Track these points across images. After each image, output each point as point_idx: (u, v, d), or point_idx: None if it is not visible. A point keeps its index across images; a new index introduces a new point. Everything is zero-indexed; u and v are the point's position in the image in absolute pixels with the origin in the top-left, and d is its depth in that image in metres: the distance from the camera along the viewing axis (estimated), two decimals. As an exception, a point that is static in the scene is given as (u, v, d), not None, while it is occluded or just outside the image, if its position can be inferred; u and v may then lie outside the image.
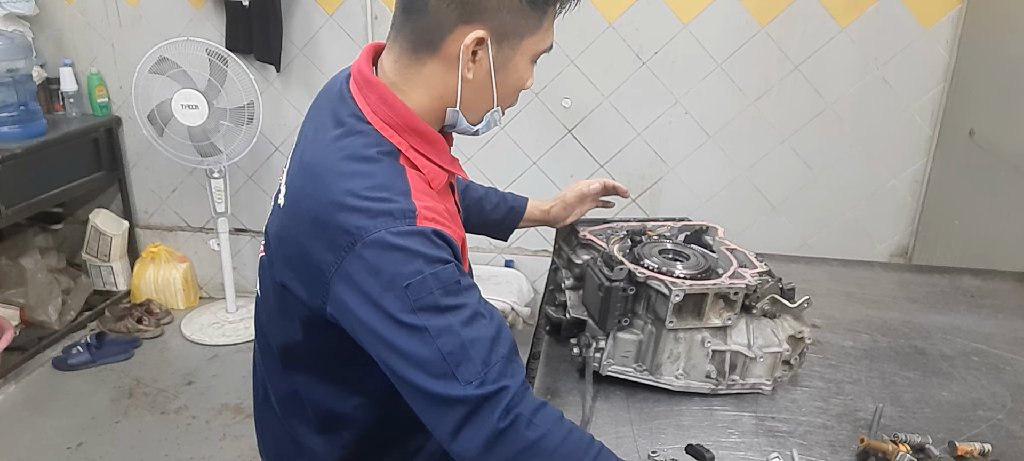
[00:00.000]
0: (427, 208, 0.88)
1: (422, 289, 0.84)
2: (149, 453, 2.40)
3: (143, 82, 2.69)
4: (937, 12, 2.53)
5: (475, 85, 0.94)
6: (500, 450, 0.85)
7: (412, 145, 0.94)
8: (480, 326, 0.86)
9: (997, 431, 1.13)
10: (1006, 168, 2.17)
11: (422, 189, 0.92)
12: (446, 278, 0.85)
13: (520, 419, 0.85)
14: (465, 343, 0.84)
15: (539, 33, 0.95)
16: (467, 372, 0.84)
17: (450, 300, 0.85)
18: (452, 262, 0.87)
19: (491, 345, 0.86)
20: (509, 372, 0.86)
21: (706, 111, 2.78)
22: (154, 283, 3.27)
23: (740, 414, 1.14)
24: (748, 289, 1.14)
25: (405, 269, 0.84)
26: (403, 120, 0.94)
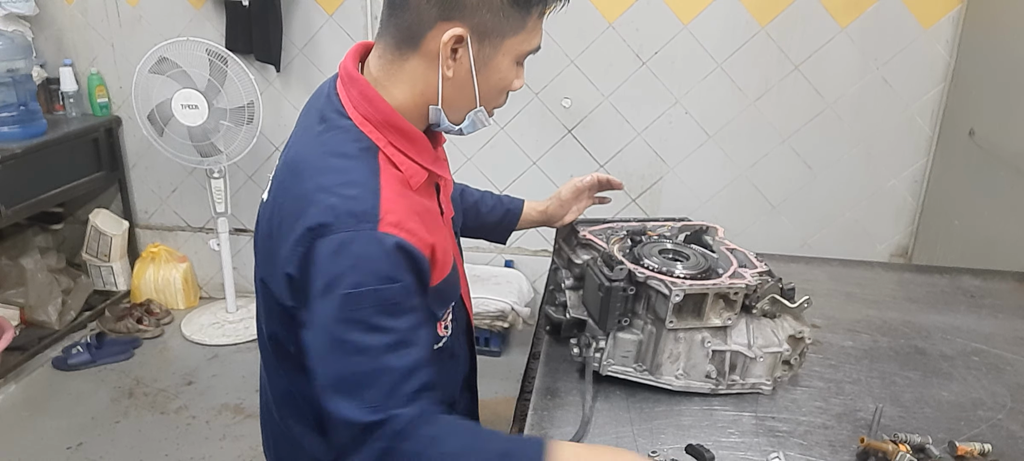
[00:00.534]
0: (394, 213, 0.87)
1: (359, 302, 0.84)
2: (149, 453, 2.40)
3: (143, 82, 2.69)
4: (937, 12, 2.53)
5: (456, 83, 0.93)
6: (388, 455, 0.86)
7: (391, 141, 0.94)
8: (399, 355, 0.86)
9: (997, 431, 1.13)
10: (1006, 168, 2.17)
11: (396, 189, 0.91)
12: (387, 297, 0.85)
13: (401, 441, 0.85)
14: (378, 369, 0.85)
15: (523, 33, 0.93)
16: (371, 396, 0.85)
17: (382, 320, 0.85)
18: (399, 283, 0.86)
19: (404, 376, 0.86)
20: (410, 404, 0.86)
21: (706, 111, 2.78)
22: (154, 283, 3.27)
23: (740, 414, 1.14)
24: (748, 289, 1.14)
25: (349, 277, 0.84)
26: (383, 116, 0.94)
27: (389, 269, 0.85)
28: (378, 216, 0.86)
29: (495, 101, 1.00)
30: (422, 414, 0.87)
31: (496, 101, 1.00)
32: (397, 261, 0.86)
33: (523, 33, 0.93)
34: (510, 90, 1.00)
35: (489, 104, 0.99)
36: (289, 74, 2.98)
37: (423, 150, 0.98)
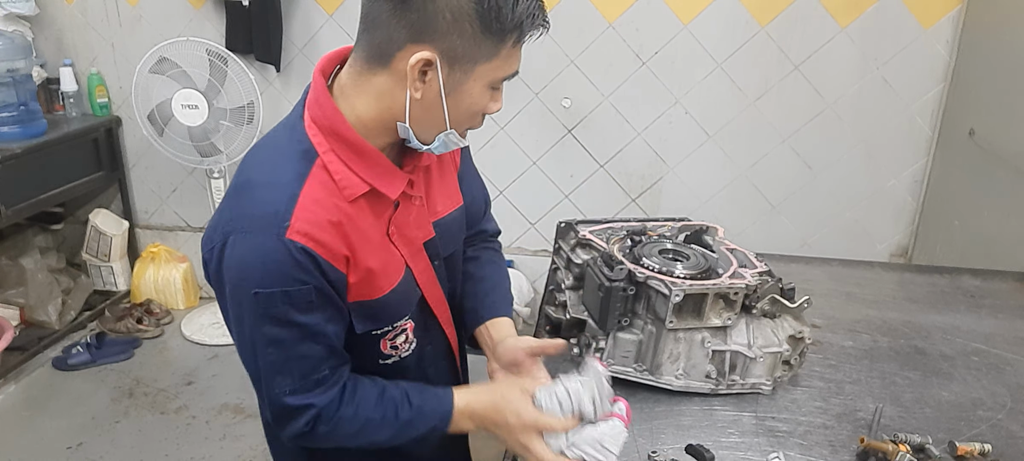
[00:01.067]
0: (307, 221, 0.88)
1: (269, 302, 0.89)
2: (149, 453, 2.40)
3: (143, 82, 2.69)
4: (937, 12, 2.53)
5: (424, 105, 0.91)
6: (308, 442, 0.98)
7: (333, 149, 0.93)
8: (309, 345, 0.92)
9: (997, 431, 1.13)
10: (1006, 168, 2.17)
11: (318, 199, 0.90)
12: (296, 297, 0.89)
13: (319, 423, 0.95)
14: (292, 358, 0.92)
15: (496, 60, 0.90)
16: (283, 383, 0.93)
17: (292, 315, 0.90)
18: (307, 285, 0.89)
19: (315, 364, 0.94)
20: (320, 386, 0.95)
21: (706, 111, 2.78)
22: (154, 283, 3.27)
23: (740, 414, 1.14)
24: (748, 289, 1.14)
25: (258, 278, 0.88)
26: (329, 123, 0.93)
27: (296, 272, 0.88)
28: (287, 222, 0.87)
29: (467, 124, 0.96)
30: (338, 397, 0.96)
31: (469, 124, 0.97)
32: (304, 265, 0.88)
33: (496, 60, 0.90)
34: (486, 114, 0.96)
35: (460, 126, 0.95)
36: (289, 74, 2.98)
37: (372, 165, 0.95)
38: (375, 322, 1.02)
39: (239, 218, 0.89)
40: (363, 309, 0.99)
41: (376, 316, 1.02)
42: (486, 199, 1.28)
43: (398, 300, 1.03)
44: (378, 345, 1.05)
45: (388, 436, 1.00)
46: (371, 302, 0.99)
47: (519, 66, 0.94)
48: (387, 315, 1.03)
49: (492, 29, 0.87)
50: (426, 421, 1.00)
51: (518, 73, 0.95)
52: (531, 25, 0.90)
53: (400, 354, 1.09)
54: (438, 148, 0.97)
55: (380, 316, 1.02)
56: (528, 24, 0.89)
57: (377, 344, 1.05)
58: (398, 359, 1.09)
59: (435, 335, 1.15)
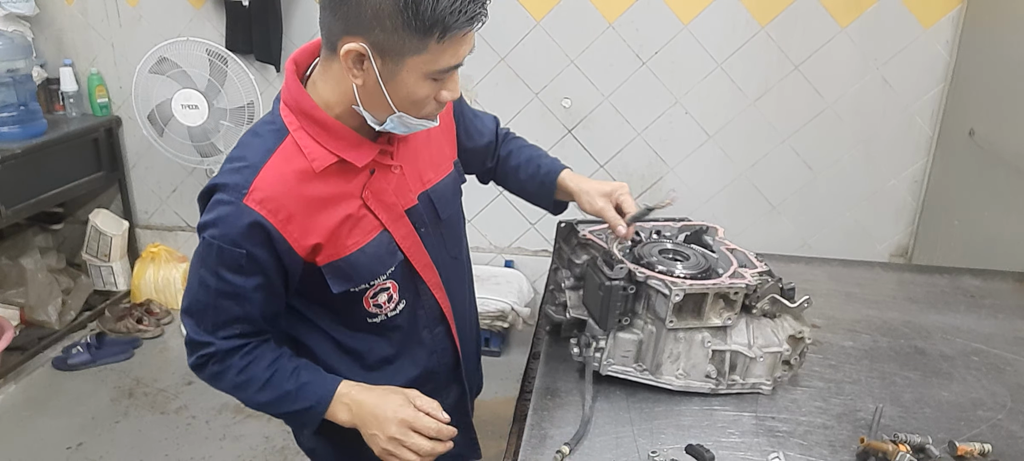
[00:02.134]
0: (265, 191, 0.99)
1: (209, 250, 1.02)
2: (149, 453, 2.40)
3: (143, 82, 2.69)
4: (937, 12, 2.53)
5: (367, 90, 0.99)
6: (200, 375, 1.12)
7: (302, 126, 1.03)
8: (231, 302, 1.04)
9: (997, 431, 1.13)
10: (1006, 168, 2.17)
11: (281, 171, 1.01)
12: (231, 258, 1.01)
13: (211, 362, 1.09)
14: (211, 306, 1.05)
15: (426, 54, 0.94)
16: (201, 321, 1.07)
17: (223, 272, 1.02)
18: (244, 251, 1.00)
19: (230, 320, 1.06)
20: (226, 338, 1.07)
21: (706, 111, 2.78)
22: (154, 283, 3.27)
23: (740, 414, 1.14)
24: (748, 289, 1.14)
25: (211, 229, 1.01)
26: (298, 104, 1.03)
27: (239, 237, 0.99)
28: (247, 189, 0.99)
29: (417, 109, 1.01)
30: (238, 348, 1.08)
31: (419, 110, 1.01)
32: (249, 234, 0.99)
33: (426, 54, 0.94)
34: (438, 101, 1.02)
35: (410, 111, 1.01)
36: (289, 74, 2.97)
37: (339, 138, 1.03)
38: (348, 280, 1.09)
39: (215, 179, 1.03)
40: (334, 269, 1.07)
41: (348, 275, 1.09)
42: (495, 130, 1.40)
43: (369, 260, 1.09)
44: (360, 303, 1.13)
45: (266, 399, 1.10)
46: (340, 262, 1.07)
47: (462, 57, 0.98)
48: (359, 274, 1.09)
49: (412, 26, 0.91)
50: (305, 398, 1.10)
51: (461, 65, 0.99)
52: (455, 22, 0.92)
53: (386, 313, 1.16)
54: (395, 128, 1.04)
55: (352, 275, 1.09)
56: (452, 21, 0.91)
57: (359, 302, 1.13)
58: (386, 318, 1.16)
59: (426, 300, 1.20)
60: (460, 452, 1.32)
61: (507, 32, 2.75)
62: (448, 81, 1.01)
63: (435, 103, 1.02)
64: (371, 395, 1.11)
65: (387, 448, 1.09)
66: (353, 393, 1.11)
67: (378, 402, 1.10)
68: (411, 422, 1.09)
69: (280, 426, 2.53)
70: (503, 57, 2.79)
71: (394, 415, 1.08)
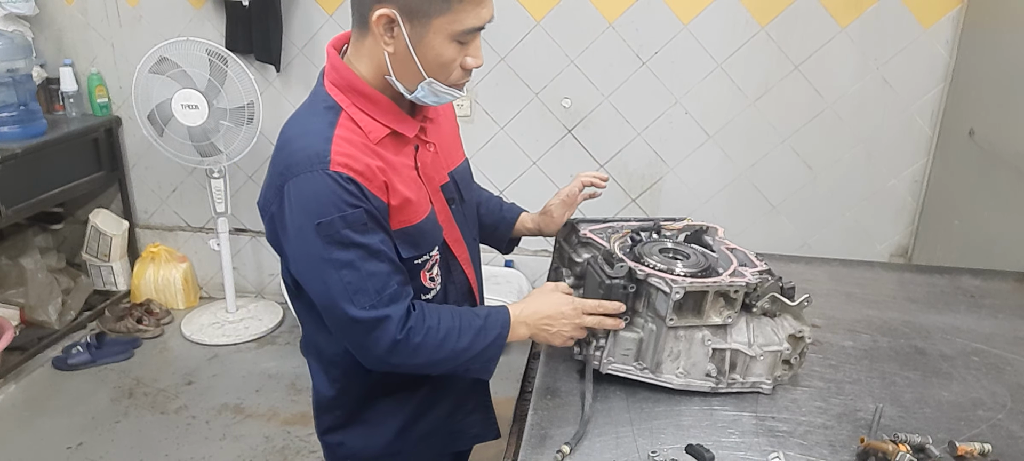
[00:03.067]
0: (344, 155, 1.01)
1: (331, 228, 1.00)
2: (149, 453, 2.40)
3: (143, 82, 2.69)
4: (937, 12, 2.53)
5: (399, 58, 1.03)
6: (395, 357, 1.06)
7: (354, 102, 1.07)
8: (375, 264, 1.03)
9: (997, 431, 1.13)
10: (1006, 168, 2.17)
11: (350, 139, 1.03)
12: (352, 220, 1.01)
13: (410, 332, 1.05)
14: (363, 276, 1.02)
15: (450, 14, 0.99)
16: (363, 300, 1.03)
17: (354, 237, 1.01)
18: (360, 207, 1.01)
19: (385, 279, 1.04)
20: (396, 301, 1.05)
21: (706, 111, 2.78)
22: (154, 283, 3.27)
23: (740, 414, 1.14)
24: (748, 287, 1.14)
25: (317, 210, 1.00)
26: (346, 82, 1.07)
27: (347, 197, 1.00)
28: (329, 158, 1.00)
29: (445, 75, 1.06)
30: (409, 312, 1.06)
31: (447, 75, 1.06)
32: (351, 191, 1.01)
33: (450, 14, 0.99)
34: (464, 67, 1.06)
35: (440, 76, 1.05)
36: (289, 74, 2.98)
37: (387, 111, 1.08)
38: (416, 248, 1.12)
39: (286, 169, 1.02)
40: (406, 236, 1.10)
41: (416, 242, 1.12)
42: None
43: (430, 228, 1.14)
44: (418, 277, 1.15)
45: (467, 342, 1.10)
46: (411, 228, 1.10)
47: (484, 20, 1.03)
48: (425, 241, 1.14)
49: None
50: (493, 327, 1.12)
51: (483, 27, 1.04)
52: None
53: (435, 288, 1.19)
54: (424, 97, 1.08)
55: (420, 242, 1.12)
56: None
57: (418, 275, 1.15)
58: (434, 294, 1.20)
59: (457, 276, 1.25)
60: (479, 433, 1.39)
61: (507, 32, 2.75)
62: (471, 46, 1.05)
63: (461, 70, 1.06)
64: (535, 303, 1.17)
65: (573, 335, 1.16)
66: (523, 310, 1.16)
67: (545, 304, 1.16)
68: (581, 308, 1.15)
69: (280, 426, 2.53)
70: (503, 57, 2.79)
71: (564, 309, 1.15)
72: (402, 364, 1.08)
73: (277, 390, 2.73)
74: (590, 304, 1.16)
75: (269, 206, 1.06)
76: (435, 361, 1.09)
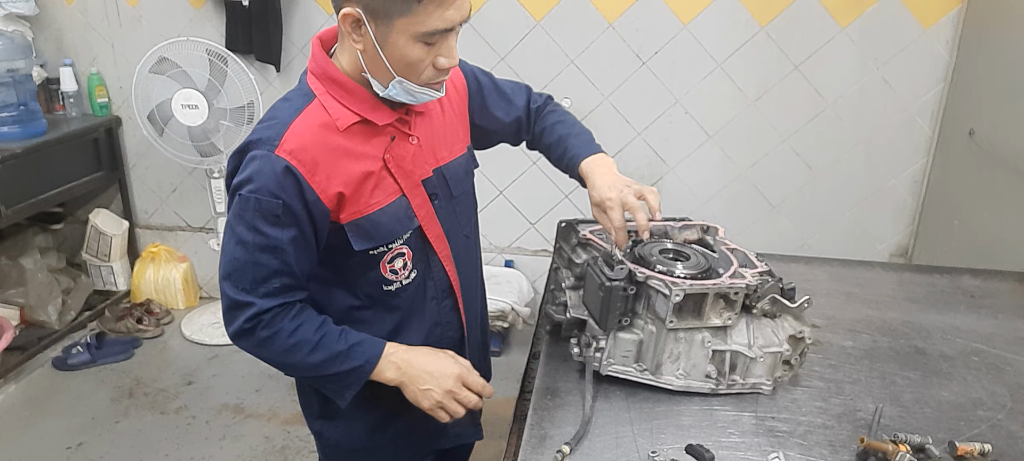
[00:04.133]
0: (295, 142, 1.05)
1: (246, 205, 1.05)
2: (149, 453, 2.40)
3: (143, 82, 2.69)
4: (937, 12, 2.53)
5: (368, 56, 1.06)
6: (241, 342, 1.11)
7: (328, 90, 1.11)
8: (267, 257, 1.07)
9: (997, 431, 1.13)
10: (1006, 168, 2.17)
11: (309, 127, 1.07)
12: (266, 207, 1.04)
13: (259, 326, 1.09)
14: (249, 261, 1.07)
15: (412, 15, 0.99)
16: (238, 279, 1.08)
17: (260, 225, 1.05)
18: (280, 200, 1.04)
19: (267, 274, 1.07)
20: (267, 296, 1.08)
21: (706, 111, 2.78)
22: (154, 283, 3.27)
23: (740, 414, 1.14)
24: (748, 289, 1.14)
25: (246, 185, 1.05)
26: (323, 71, 1.11)
27: (274, 186, 1.04)
28: (278, 141, 1.05)
29: (415, 74, 1.06)
30: (282, 307, 1.09)
31: (417, 75, 1.06)
32: (283, 182, 1.04)
33: (412, 15, 0.99)
34: (437, 67, 1.06)
35: (410, 76, 1.06)
36: (289, 74, 2.98)
37: (360, 100, 1.11)
38: (369, 239, 1.13)
39: (246, 143, 1.09)
40: (356, 227, 1.12)
41: (368, 234, 1.13)
42: (524, 105, 1.41)
43: (389, 219, 1.14)
44: (378, 267, 1.17)
45: (318, 360, 1.12)
46: (362, 220, 1.12)
47: (452, 22, 1.02)
48: (379, 233, 1.14)
49: None
50: (356, 357, 1.13)
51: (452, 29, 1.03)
52: None
53: (400, 280, 1.20)
54: (399, 95, 1.09)
55: (373, 234, 1.14)
56: None
57: (377, 266, 1.17)
58: (400, 285, 1.20)
59: (436, 272, 1.25)
60: (462, 432, 1.39)
61: (507, 32, 2.75)
62: (442, 47, 1.04)
63: (433, 70, 1.06)
64: (421, 354, 1.18)
65: (441, 401, 1.17)
66: (400, 353, 1.17)
67: (431, 360, 1.18)
68: (464, 378, 1.18)
69: (280, 426, 2.53)
70: (503, 57, 2.79)
71: (450, 371, 1.17)
72: (251, 352, 1.12)
73: (277, 390, 2.73)
74: (475, 382, 1.20)
75: (230, 161, 1.12)
76: (281, 363, 1.13)
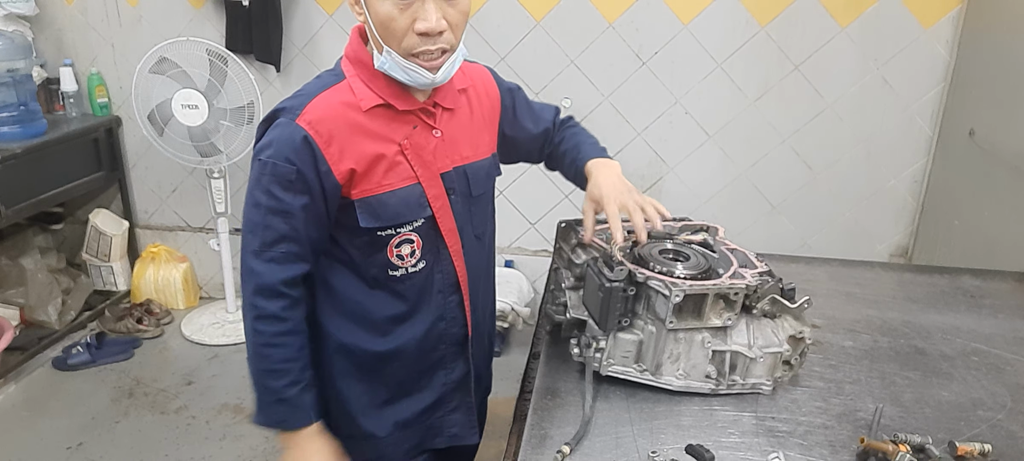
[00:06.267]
0: (315, 114, 1.09)
1: (263, 168, 1.10)
2: (149, 453, 2.40)
3: (143, 82, 2.69)
4: (937, 12, 2.53)
5: (369, 29, 1.10)
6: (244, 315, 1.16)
7: (358, 73, 1.15)
8: (277, 220, 1.10)
9: (997, 431, 1.13)
10: (1006, 168, 2.17)
11: (332, 102, 1.11)
12: (281, 172, 1.08)
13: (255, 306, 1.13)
14: (262, 222, 1.11)
15: None
16: (251, 241, 1.12)
17: (275, 189, 1.09)
18: (295, 167, 1.08)
19: (276, 237, 1.11)
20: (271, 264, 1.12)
21: (706, 111, 2.78)
22: (154, 283, 3.27)
23: (740, 414, 1.14)
24: (748, 289, 1.14)
25: (266, 150, 1.10)
26: (356, 55, 1.16)
27: (290, 153, 1.08)
28: (299, 112, 1.09)
29: (395, 40, 1.07)
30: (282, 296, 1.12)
31: (397, 40, 1.07)
32: (299, 150, 1.08)
33: None
34: (416, 32, 1.06)
35: (393, 44, 1.08)
36: (289, 74, 2.98)
37: (387, 86, 1.14)
38: (377, 219, 1.15)
39: (273, 111, 1.13)
40: (365, 204, 1.14)
41: (377, 213, 1.15)
42: (552, 119, 1.44)
43: (399, 203, 1.16)
44: (385, 251, 1.19)
45: (253, 369, 1.17)
46: (371, 198, 1.14)
47: None
48: (388, 214, 1.16)
49: None
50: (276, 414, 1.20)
51: None
52: None
53: (406, 267, 1.21)
54: (390, 69, 1.10)
55: (380, 214, 1.15)
56: None
57: (384, 249, 1.18)
58: (405, 273, 1.22)
59: (445, 265, 1.25)
60: (458, 433, 1.39)
61: (507, 32, 2.75)
62: (418, 9, 1.05)
63: (416, 37, 1.06)
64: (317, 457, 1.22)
65: None
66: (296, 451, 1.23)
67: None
68: None
69: (280, 426, 2.53)
70: (503, 57, 2.79)
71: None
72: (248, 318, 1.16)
73: (277, 390, 2.73)
74: None
75: (260, 127, 1.15)
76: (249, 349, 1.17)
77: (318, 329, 1.25)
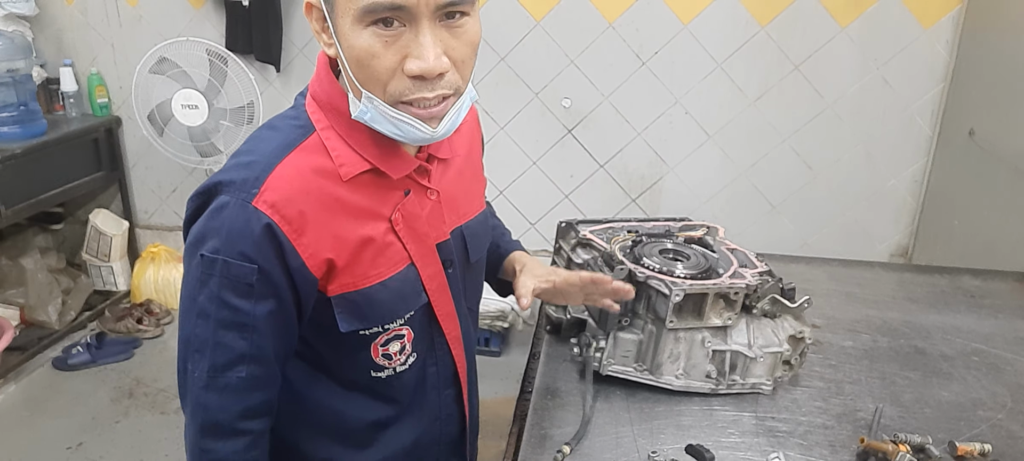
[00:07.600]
0: (277, 192, 0.80)
1: (210, 267, 0.81)
2: (149, 453, 2.40)
3: (143, 82, 2.69)
4: (937, 12, 2.53)
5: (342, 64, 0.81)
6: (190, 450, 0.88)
7: (332, 125, 0.85)
8: (232, 337, 0.83)
9: (997, 431, 1.13)
10: (1006, 168, 2.17)
11: (302, 169, 0.82)
12: (236, 275, 0.80)
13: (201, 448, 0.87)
14: (210, 340, 0.83)
15: None
16: (196, 364, 0.84)
17: (226, 296, 0.81)
18: (254, 265, 0.80)
19: (232, 360, 0.84)
20: (225, 393, 0.85)
21: (706, 111, 2.78)
22: (154, 283, 3.26)
23: (740, 414, 1.14)
24: (748, 289, 1.15)
25: (211, 241, 0.81)
26: (328, 98, 0.85)
27: (247, 247, 0.80)
28: (258, 189, 0.80)
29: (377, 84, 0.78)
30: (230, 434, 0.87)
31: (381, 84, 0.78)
32: (260, 242, 0.80)
33: None
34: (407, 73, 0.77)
35: (372, 86, 0.79)
36: (289, 74, 2.98)
37: (377, 144, 0.85)
38: (362, 320, 0.90)
39: (214, 183, 0.83)
40: (346, 303, 0.88)
41: (362, 313, 0.89)
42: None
43: (391, 297, 0.90)
44: (368, 350, 0.93)
45: None
46: (356, 295, 0.88)
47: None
48: (376, 313, 0.90)
49: None
50: None
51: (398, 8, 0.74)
52: None
53: (395, 366, 0.96)
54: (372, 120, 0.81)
55: (367, 313, 0.90)
56: None
57: (367, 349, 0.93)
58: (393, 373, 0.96)
59: (441, 356, 1.02)
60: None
61: (507, 32, 2.75)
62: (410, 43, 0.76)
63: (407, 81, 0.77)
64: None
65: None
66: None
67: None
68: None
69: (280, 426, 2.53)
70: (503, 57, 2.79)
71: None
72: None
73: (277, 390, 2.73)
74: None
75: (190, 202, 0.87)
76: None
77: (280, 445, 0.97)
